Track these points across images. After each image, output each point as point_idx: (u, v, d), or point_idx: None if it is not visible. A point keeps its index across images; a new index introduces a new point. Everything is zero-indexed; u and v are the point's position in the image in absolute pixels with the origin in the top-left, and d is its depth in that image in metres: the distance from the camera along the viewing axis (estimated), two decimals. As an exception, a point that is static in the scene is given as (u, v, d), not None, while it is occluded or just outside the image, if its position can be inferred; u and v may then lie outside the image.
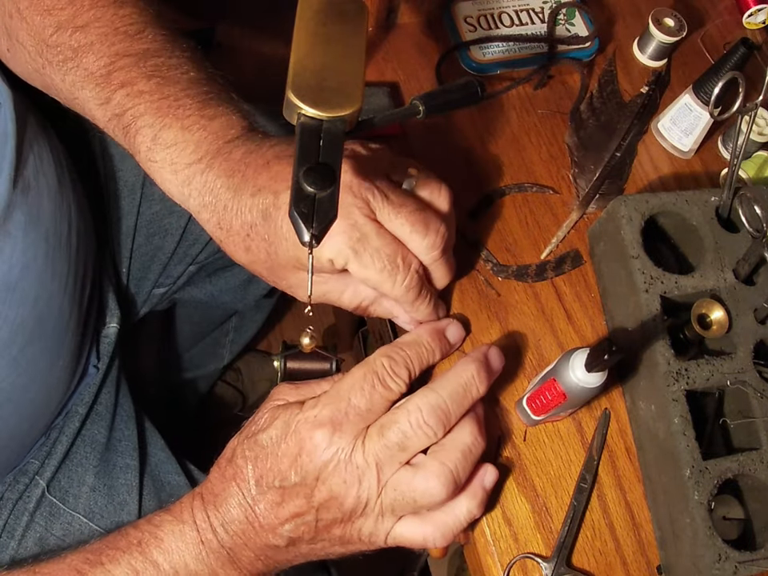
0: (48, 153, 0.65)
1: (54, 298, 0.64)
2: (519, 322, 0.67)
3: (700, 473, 0.57)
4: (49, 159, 0.65)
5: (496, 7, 0.82)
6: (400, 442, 0.48)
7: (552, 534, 0.60)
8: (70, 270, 0.66)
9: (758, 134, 0.75)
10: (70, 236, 0.66)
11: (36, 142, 0.63)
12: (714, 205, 0.67)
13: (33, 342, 0.62)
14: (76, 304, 0.68)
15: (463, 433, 0.51)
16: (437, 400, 0.49)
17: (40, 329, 0.63)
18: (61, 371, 0.68)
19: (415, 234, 0.50)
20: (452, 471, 0.49)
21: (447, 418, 0.50)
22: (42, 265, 0.62)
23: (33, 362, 0.63)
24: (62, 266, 0.65)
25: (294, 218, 0.41)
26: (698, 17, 0.91)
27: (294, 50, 0.47)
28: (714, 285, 0.64)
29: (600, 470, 0.63)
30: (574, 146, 0.77)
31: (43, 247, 0.62)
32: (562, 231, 0.72)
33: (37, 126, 0.65)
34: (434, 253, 0.52)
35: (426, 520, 0.51)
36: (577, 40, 0.81)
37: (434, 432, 0.49)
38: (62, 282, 0.65)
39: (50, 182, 0.64)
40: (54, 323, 0.65)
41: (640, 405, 0.63)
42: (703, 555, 0.55)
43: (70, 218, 0.66)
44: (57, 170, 0.66)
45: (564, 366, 0.54)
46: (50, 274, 0.63)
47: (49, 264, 0.63)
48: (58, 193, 0.65)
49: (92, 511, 0.72)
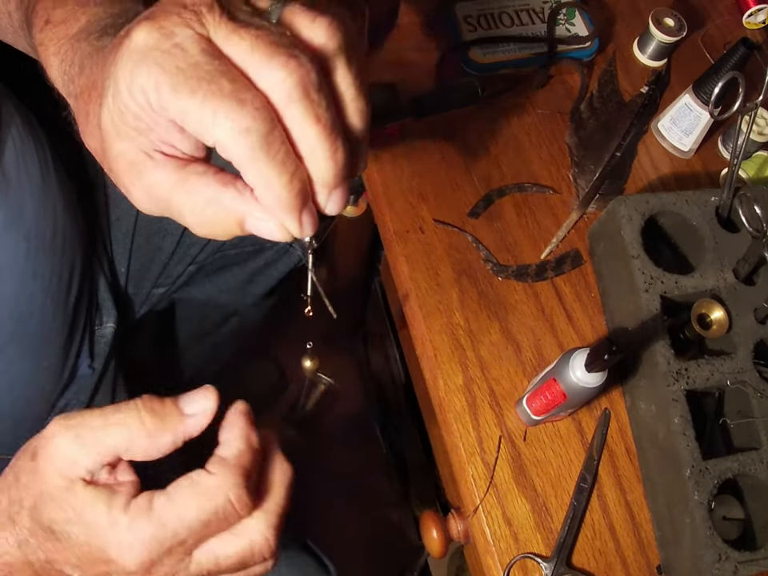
0: (32, 152, 0.65)
1: (36, 298, 0.64)
2: (519, 322, 0.67)
3: (700, 473, 0.57)
4: (33, 158, 0.64)
5: (496, 7, 0.82)
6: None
7: (552, 534, 0.60)
8: (54, 271, 0.66)
9: (758, 133, 0.75)
10: (55, 236, 0.66)
11: (20, 140, 0.63)
12: (713, 205, 0.67)
13: (13, 341, 0.62)
14: (61, 304, 0.68)
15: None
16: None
17: (21, 329, 0.62)
18: (46, 371, 0.68)
19: (261, 57, 0.33)
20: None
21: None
22: (23, 265, 0.61)
23: (14, 362, 0.63)
24: (45, 267, 0.64)
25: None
26: (698, 17, 0.91)
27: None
28: (714, 285, 0.64)
29: (600, 470, 0.63)
30: (574, 145, 0.77)
31: (24, 247, 0.61)
32: (561, 231, 0.72)
33: (22, 125, 0.65)
34: (289, 88, 0.33)
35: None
36: (577, 40, 0.81)
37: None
38: (45, 283, 0.64)
39: (33, 181, 0.63)
40: (36, 323, 0.64)
41: (640, 405, 0.63)
42: (703, 555, 0.55)
43: (55, 218, 0.66)
44: (42, 169, 0.65)
45: (564, 366, 0.54)
46: (30, 274, 0.62)
47: (30, 264, 0.62)
48: (41, 192, 0.64)
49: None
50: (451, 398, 0.63)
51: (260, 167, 0.33)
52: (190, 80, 0.32)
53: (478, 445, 0.62)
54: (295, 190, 0.34)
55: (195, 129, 0.33)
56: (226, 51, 0.33)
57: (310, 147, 0.34)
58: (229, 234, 0.37)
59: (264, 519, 0.41)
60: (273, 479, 0.42)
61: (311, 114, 0.33)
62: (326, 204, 0.36)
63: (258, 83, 0.33)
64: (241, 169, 0.34)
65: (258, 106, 0.32)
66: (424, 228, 0.70)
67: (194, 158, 0.36)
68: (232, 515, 0.39)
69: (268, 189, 0.33)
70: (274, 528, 0.41)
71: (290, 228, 0.35)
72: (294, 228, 0.35)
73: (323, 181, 0.35)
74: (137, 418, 0.38)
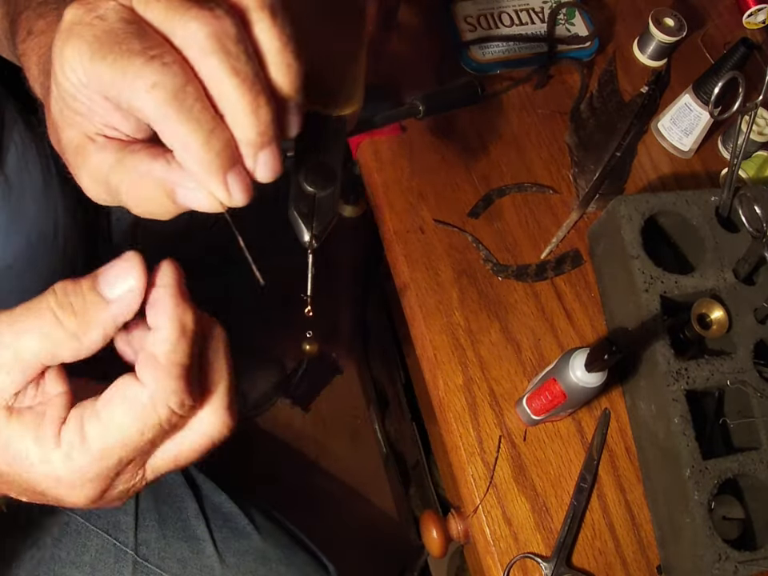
0: (34, 155, 0.65)
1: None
2: (519, 322, 0.67)
3: (700, 473, 0.57)
4: (35, 161, 0.65)
5: (496, 7, 0.82)
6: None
7: (552, 533, 0.60)
8: (56, 270, 0.66)
9: (758, 133, 0.75)
10: (56, 236, 0.66)
11: (22, 144, 0.63)
12: (713, 205, 0.67)
13: None
14: None
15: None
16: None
17: None
18: None
19: (174, 13, 0.32)
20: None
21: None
22: (25, 265, 0.62)
23: None
24: (47, 266, 0.65)
25: (293, 218, 0.41)
26: (698, 17, 0.91)
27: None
28: (714, 285, 0.64)
29: (600, 470, 0.63)
30: (574, 145, 0.77)
31: (25, 247, 0.62)
32: (561, 231, 0.72)
33: (24, 129, 0.65)
34: (202, 40, 0.31)
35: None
36: (577, 40, 0.81)
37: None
38: (47, 283, 0.65)
39: (35, 184, 0.64)
40: None
41: (640, 405, 0.63)
42: (703, 555, 0.55)
43: (56, 219, 0.66)
44: (43, 172, 0.66)
45: (564, 366, 0.54)
46: (32, 274, 0.63)
47: (32, 264, 0.63)
48: (43, 194, 0.65)
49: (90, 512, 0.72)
50: (451, 398, 0.63)
51: (172, 125, 0.31)
52: (104, 46, 0.31)
53: (477, 445, 0.62)
54: (215, 150, 0.32)
55: (113, 95, 0.32)
56: (146, 17, 0.32)
57: (230, 103, 0.32)
58: (165, 210, 0.35)
59: (219, 403, 0.37)
60: (217, 355, 0.38)
61: (228, 67, 0.31)
62: (255, 167, 0.34)
63: (174, 41, 0.32)
64: (157, 129, 0.32)
65: (167, 60, 0.31)
66: (424, 228, 0.70)
67: (136, 140, 0.35)
68: (178, 422, 0.35)
69: (185, 149, 0.32)
70: (228, 409, 0.37)
71: (217, 193, 0.33)
72: (220, 193, 0.33)
73: (247, 139, 0.32)
74: (52, 319, 0.33)
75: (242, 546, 0.78)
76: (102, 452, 0.33)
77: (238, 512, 0.80)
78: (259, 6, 0.33)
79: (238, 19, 0.32)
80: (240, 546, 0.78)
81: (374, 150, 0.73)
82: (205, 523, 0.77)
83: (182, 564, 0.75)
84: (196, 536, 0.77)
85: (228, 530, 0.79)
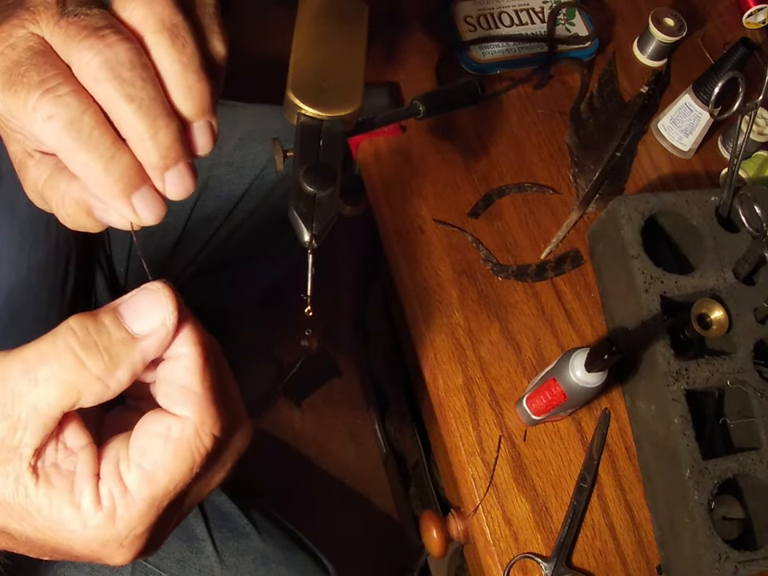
0: None
1: (31, 290, 0.64)
2: (519, 322, 0.67)
3: (700, 473, 0.57)
4: None
5: (496, 7, 0.82)
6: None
7: (552, 533, 0.60)
8: (49, 263, 0.66)
9: (758, 133, 0.75)
10: (49, 229, 0.66)
11: None
12: (713, 205, 0.67)
13: (9, 334, 0.62)
14: (56, 299, 0.68)
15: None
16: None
17: (17, 321, 0.63)
18: None
19: (71, 42, 0.32)
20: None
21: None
22: (17, 257, 0.62)
23: None
24: (39, 259, 0.65)
25: (293, 218, 0.41)
26: (698, 17, 0.91)
27: (294, 50, 0.47)
28: (714, 285, 0.64)
29: (600, 470, 0.63)
30: (574, 145, 0.77)
31: (18, 239, 0.62)
32: (561, 231, 0.72)
33: None
34: (95, 69, 0.31)
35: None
36: (577, 40, 0.81)
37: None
38: (39, 275, 0.65)
39: None
40: (32, 316, 0.65)
41: (640, 405, 0.63)
42: (703, 555, 0.55)
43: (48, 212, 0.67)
44: None
45: (564, 366, 0.54)
46: (25, 266, 0.63)
47: (24, 256, 0.63)
48: None
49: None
50: (451, 398, 0.63)
51: (71, 153, 0.32)
52: (12, 77, 0.31)
53: (477, 445, 0.62)
54: (114, 175, 0.32)
55: (21, 125, 0.32)
56: (52, 44, 0.33)
57: (129, 128, 0.32)
58: (90, 225, 0.36)
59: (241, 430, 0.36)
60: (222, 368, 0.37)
61: (122, 94, 0.31)
62: (165, 187, 0.34)
63: (73, 69, 0.32)
64: (60, 158, 0.33)
65: (60, 93, 0.31)
66: (424, 228, 0.70)
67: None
68: (220, 446, 0.34)
69: (86, 176, 0.32)
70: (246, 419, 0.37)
71: (124, 214, 0.33)
72: (127, 214, 0.33)
73: (149, 162, 0.33)
74: (75, 362, 0.30)
75: (242, 546, 0.78)
76: (152, 501, 0.31)
77: (237, 512, 0.80)
78: (157, 30, 0.33)
79: (135, 44, 0.32)
80: (239, 546, 0.78)
81: (373, 150, 0.73)
82: (204, 523, 0.77)
83: (180, 564, 0.75)
84: (195, 536, 0.77)
85: (227, 529, 0.79)
